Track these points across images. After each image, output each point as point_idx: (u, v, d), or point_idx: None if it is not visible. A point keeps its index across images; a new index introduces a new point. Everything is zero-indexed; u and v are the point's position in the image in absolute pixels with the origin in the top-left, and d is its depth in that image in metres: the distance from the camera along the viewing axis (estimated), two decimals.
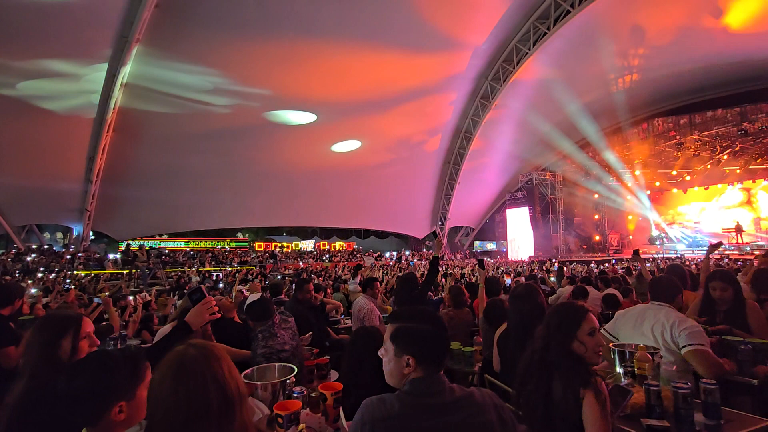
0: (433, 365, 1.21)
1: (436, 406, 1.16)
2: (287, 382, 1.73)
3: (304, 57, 14.05)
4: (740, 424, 1.80)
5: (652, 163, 19.67)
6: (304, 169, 20.17)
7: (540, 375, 1.67)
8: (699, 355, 2.08)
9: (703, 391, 1.84)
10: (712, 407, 1.81)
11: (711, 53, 15.23)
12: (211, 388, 0.95)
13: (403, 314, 1.30)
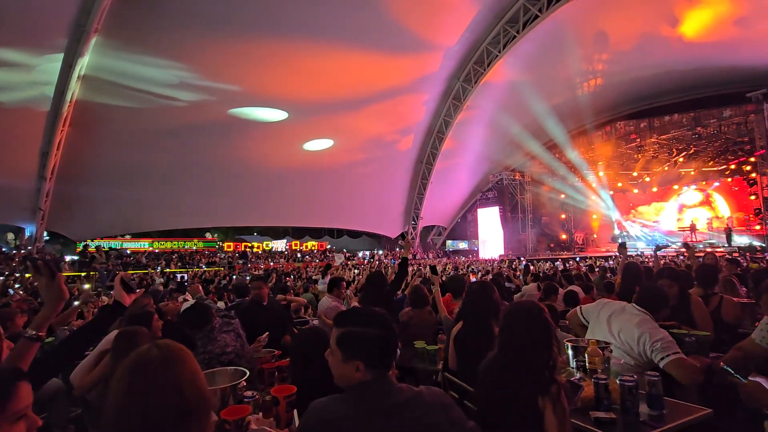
0: (381, 368, 1.20)
1: (384, 408, 1.15)
2: (238, 387, 1.66)
3: (276, 55, 13.80)
4: (681, 414, 1.88)
5: (614, 164, 20.49)
6: (275, 167, 19.81)
7: (504, 377, 1.67)
8: (678, 364, 2.07)
9: (648, 382, 1.91)
10: (655, 398, 1.88)
11: (668, 60, 16.01)
12: (169, 395, 0.86)
13: (348, 318, 1.28)
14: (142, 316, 2.52)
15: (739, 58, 14.81)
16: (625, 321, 2.32)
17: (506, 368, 1.66)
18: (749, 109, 15.35)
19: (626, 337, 2.26)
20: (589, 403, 1.89)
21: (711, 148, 18.06)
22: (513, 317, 1.76)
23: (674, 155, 19.15)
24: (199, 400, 0.89)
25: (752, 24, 13.01)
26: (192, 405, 0.88)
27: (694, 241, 18.46)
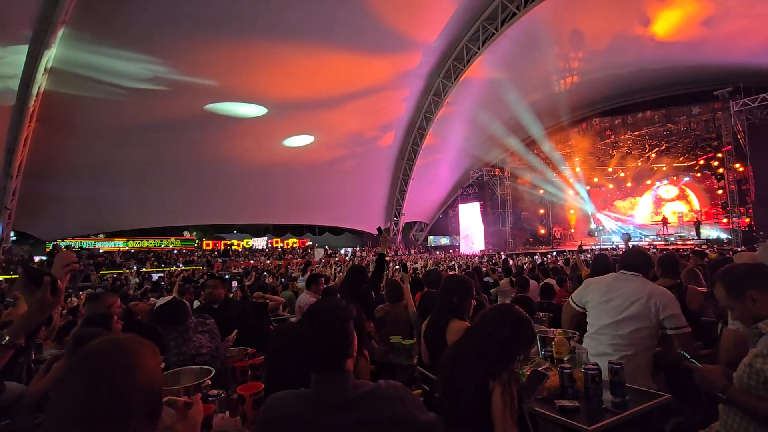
0: (324, 370, 1.19)
1: (336, 404, 1.14)
2: (202, 385, 1.64)
3: (254, 50, 13.58)
4: (642, 400, 1.95)
5: (590, 160, 20.98)
6: (255, 163, 19.54)
7: (461, 364, 1.70)
8: (687, 338, 2.23)
9: (610, 370, 1.97)
10: (618, 385, 1.94)
11: (641, 59, 16.47)
12: (115, 391, 0.81)
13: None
14: (100, 318, 2.37)
15: (706, 57, 15.35)
16: (628, 288, 2.36)
17: (465, 350, 1.70)
18: (716, 107, 15.94)
19: (643, 304, 2.29)
20: (555, 392, 1.95)
21: (681, 144, 18.69)
22: (488, 315, 1.79)
23: (647, 151, 19.75)
24: (149, 396, 0.86)
25: (718, 24, 13.50)
26: (141, 401, 0.84)
27: (666, 234, 19.11)
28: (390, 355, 3.23)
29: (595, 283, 2.53)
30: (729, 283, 1.73)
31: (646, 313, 2.26)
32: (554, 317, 3.81)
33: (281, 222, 27.56)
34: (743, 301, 1.67)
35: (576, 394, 1.92)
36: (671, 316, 2.25)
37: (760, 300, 1.64)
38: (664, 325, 2.25)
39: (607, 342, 2.28)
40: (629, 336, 2.25)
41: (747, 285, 1.67)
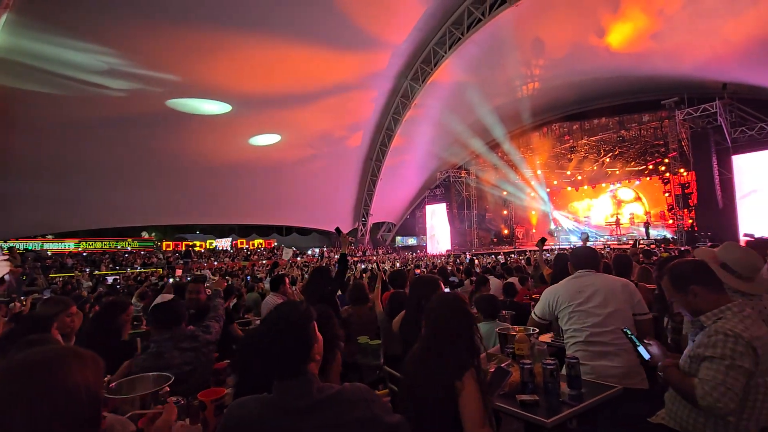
0: (284, 374, 1.18)
1: (297, 408, 1.13)
2: (160, 393, 1.58)
3: (218, 45, 13.13)
4: (596, 392, 2.07)
5: (550, 163, 21.87)
6: (219, 162, 18.95)
7: (425, 362, 1.74)
8: (649, 322, 2.38)
9: (567, 365, 2.08)
10: (574, 379, 2.05)
11: (597, 68, 17.34)
12: (44, 401, 0.78)
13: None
14: (39, 320, 2.22)
15: (654, 68, 16.37)
16: (598, 283, 2.43)
17: (427, 353, 1.73)
18: (663, 115, 17.04)
19: (617, 294, 2.39)
20: (516, 387, 2.03)
21: (633, 149, 19.84)
22: (435, 307, 1.84)
23: (602, 156, 20.82)
24: (85, 407, 0.83)
25: (665, 39, 14.44)
26: (75, 413, 0.82)
27: (619, 234, 20.23)
28: (357, 356, 3.25)
29: (561, 289, 2.53)
30: (674, 277, 1.87)
31: (627, 299, 2.37)
32: (516, 315, 3.96)
33: (247, 222, 26.90)
34: (686, 295, 1.82)
35: (536, 389, 2.01)
36: (639, 302, 2.39)
37: (701, 295, 1.79)
38: (634, 309, 2.37)
39: (606, 341, 2.30)
40: (623, 325, 2.29)
41: (690, 281, 1.81)
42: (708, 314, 1.75)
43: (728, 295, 1.82)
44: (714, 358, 1.62)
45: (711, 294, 1.77)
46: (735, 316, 1.69)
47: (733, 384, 1.57)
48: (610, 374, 2.24)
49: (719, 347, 1.62)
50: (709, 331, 1.70)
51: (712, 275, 1.82)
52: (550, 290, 2.60)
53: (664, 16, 13.27)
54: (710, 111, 15.46)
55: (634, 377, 2.26)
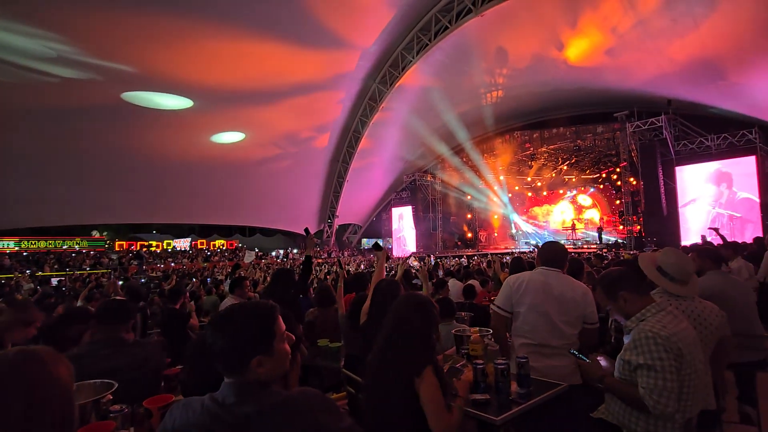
0: (225, 369, 1.12)
1: (235, 416, 1.05)
2: (101, 401, 1.49)
3: (180, 37, 12.62)
4: (544, 389, 2.18)
5: (512, 169, 22.66)
6: (178, 159, 18.23)
7: (386, 360, 1.77)
8: (595, 332, 2.41)
9: (517, 364, 2.17)
10: (524, 378, 2.14)
11: (556, 79, 18.16)
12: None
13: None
14: None
15: (608, 82, 17.38)
16: (563, 284, 2.43)
17: (389, 350, 1.76)
18: (616, 127, 18.11)
19: (576, 298, 2.38)
20: (469, 386, 2.09)
21: (588, 158, 20.92)
22: (400, 305, 1.89)
23: (560, 164, 21.81)
24: (70, 402, 0.85)
25: (617, 55, 15.37)
26: (64, 405, 0.83)
27: (575, 239, 21.24)
28: (317, 359, 3.24)
29: (524, 283, 2.46)
30: (605, 286, 2.01)
31: (583, 308, 2.38)
32: (475, 316, 4.08)
33: (207, 222, 25.95)
34: (617, 301, 1.96)
35: (488, 388, 2.09)
36: (592, 312, 2.42)
37: (630, 300, 1.93)
38: (586, 318, 2.39)
39: (556, 345, 2.35)
40: (575, 333, 2.39)
41: (619, 287, 1.95)
42: (632, 318, 1.89)
43: (652, 298, 1.97)
44: (646, 365, 1.74)
45: (638, 298, 1.91)
46: (654, 316, 1.83)
47: (671, 387, 1.69)
48: (558, 374, 2.35)
49: (646, 352, 1.74)
50: (634, 334, 1.83)
51: (637, 281, 1.97)
52: (515, 278, 2.50)
53: (616, 33, 14.11)
54: (657, 125, 16.58)
55: (577, 374, 2.39)
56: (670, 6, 12.02)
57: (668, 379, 1.69)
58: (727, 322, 2.27)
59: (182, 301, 4.44)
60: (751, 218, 15.34)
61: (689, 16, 12.01)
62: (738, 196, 15.94)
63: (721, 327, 2.22)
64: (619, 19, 13.34)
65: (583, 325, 2.40)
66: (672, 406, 1.69)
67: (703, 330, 2.13)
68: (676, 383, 1.70)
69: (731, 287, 3.05)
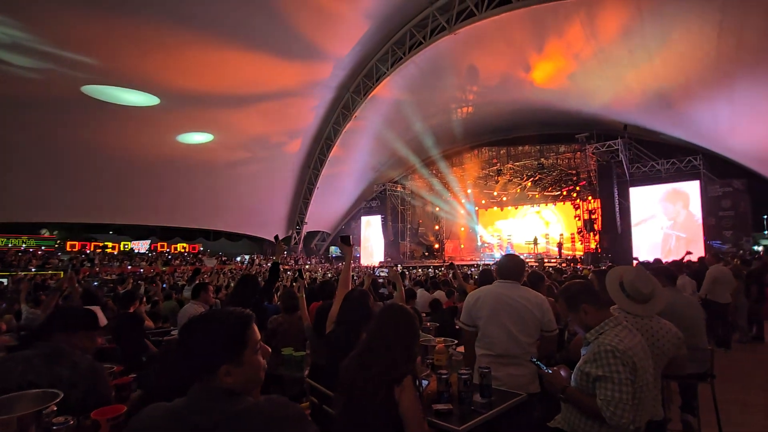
0: (192, 371, 1.09)
1: (199, 422, 1.02)
2: (43, 413, 1.33)
3: (148, 32, 12.19)
4: (504, 399, 2.25)
5: (479, 184, 23.25)
6: (142, 157, 17.51)
7: (365, 368, 1.77)
8: (553, 339, 2.51)
9: (480, 374, 2.23)
10: (485, 388, 2.20)
11: (523, 99, 18.93)
12: None
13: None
14: None
15: (570, 105, 18.31)
16: (520, 296, 2.54)
17: (369, 358, 1.77)
18: (576, 148, 19.01)
19: (529, 312, 2.49)
20: (433, 396, 2.14)
21: (550, 176, 21.80)
22: (383, 315, 1.91)
23: (524, 180, 22.60)
24: None
25: (579, 80, 16.25)
26: None
27: (537, 253, 21.98)
28: (280, 368, 3.19)
29: (480, 298, 2.60)
30: (567, 298, 2.11)
31: (540, 317, 2.49)
32: (440, 327, 4.16)
33: (170, 224, 24.90)
34: (578, 313, 2.06)
35: (451, 398, 2.14)
36: (550, 320, 2.53)
37: (590, 312, 2.04)
38: (544, 327, 2.51)
39: (515, 354, 2.44)
40: (533, 341, 2.49)
41: (581, 300, 2.06)
42: (591, 331, 2.00)
43: (610, 312, 2.09)
44: (604, 377, 1.83)
45: (598, 311, 2.02)
46: (611, 330, 1.94)
47: (627, 398, 1.79)
48: (517, 383, 2.44)
49: (605, 365, 1.84)
50: (593, 347, 1.94)
51: (598, 294, 2.09)
52: (472, 295, 2.68)
53: (579, 60, 14.94)
54: (614, 147, 17.59)
55: (536, 382, 2.49)
56: (627, 38, 12.88)
57: (624, 391, 1.79)
58: (683, 343, 2.38)
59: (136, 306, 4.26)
60: (694, 239, 16.49)
61: (644, 48, 12.91)
62: (681, 217, 17.12)
63: (674, 348, 2.32)
64: (582, 46, 14.13)
65: (542, 333, 2.51)
66: (627, 417, 1.78)
67: (656, 350, 2.24)
68: (630, 395, 1.79)
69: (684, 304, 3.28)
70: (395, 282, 3.84)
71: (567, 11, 12.39)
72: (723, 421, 3.16)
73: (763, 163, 15.73)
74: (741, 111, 13.60)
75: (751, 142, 14.99)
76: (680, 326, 2.53)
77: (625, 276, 2.42)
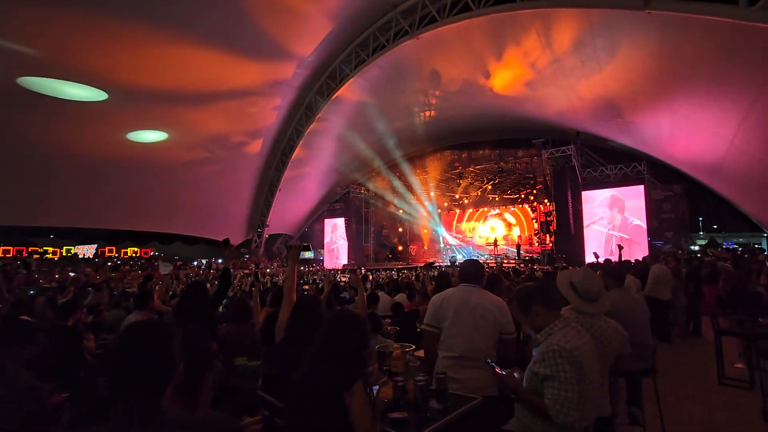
0: (124, 391, 1.07)
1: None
2: None
3: (97, 25, 11.43)
4: (460, 404, 2.25)
5: (441, 187, 23.69)
6: (87, 156, 16.41)
7: (315, 376, 1.70)
8: (512, 343, 2.56)
9: (436, 380, 2.22)
10: (441, 393, 2.19)
11: (483, 105, 19.44)
12: None
13: None
14: None
15: (527, 111, 19.01)
16: (481, 299, 2.60)
17: (319, 365, 1.71)
18: (533, 153, 19.83)
19: (490, 313, 2.54)
20: (390, 404, 2.09)
21: (509, 180, 22.56)
22: (333, 322, 1.85)
23: (484, 183, 23.25)
24: None
25: (536, 87, 16.91)
26: None
27: (496, 254, 22.63)
28: (233, 379, 3.04)
29: (446, 300, 2.65)
30: (519, 300, 2.15)
31: (499, 320, 2.55)
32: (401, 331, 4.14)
33: (119, 227, 23.46)
34: (529, 315, 2.10)
35: (408, 405, 2.11)
36: (508, 323, 2.59)
37: (541, 314, 2.08)
38: (503, 329, 2.56)
39: (475, 356, 2.46)
40: (493, 344, 2.53)
41: (532, 301, 2.10)
42: (542, 332, 2.04)
43: (560, 313, 2.14)
44: (551, 376, 1.88)
45: (548, 313, 2.07)
46: (560, 331, 1.99)
47: (572, 397, 1.83)
48: (478, 385, 2.45)
49: (552, 364, 1.89)
50: (542, 347, 1.98)
51: (549, 296, 2.14)
52: (438, 297, 2.71)
53: (535, 68, 15.55)
54: (567, 153, 18.47)
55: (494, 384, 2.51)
56: (579, 49, 13.54)
57: (569, 390, 1.83)
58: (627, 342, 2.52)
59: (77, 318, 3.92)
60: (639, 240, 17.58)
61: (594, 59, 13.63)
62: (629, 220, 18.24)
63: (620, 346, 2.46)
64: (538, 56, 14.71)
65: (500, 335, 2.56)
66: (572, 415, 1.82)
67: (603, 347, 2.34)
68: (575, 394, 1.84)
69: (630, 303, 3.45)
70: (357, 287, 3.79)
71: (524, 21, 12.85)
72: (665, 413, 3.35)
73: (699, 169, 17.06)
74: (680, 121, 14.66)
75: (689, 150, 16.20)
76: (627, 325, 2.66)
77: (574, 278, 2.52)
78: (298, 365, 1.85)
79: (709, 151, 14.92)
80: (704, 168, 16.46)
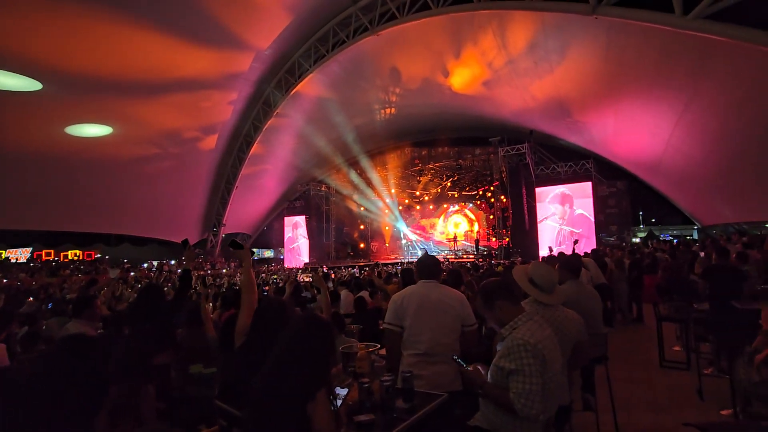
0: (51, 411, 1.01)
1: None
2: None
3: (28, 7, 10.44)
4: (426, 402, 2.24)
5: (402, 184, 23.90)
6: (19, 151, 15.04)
7: (277, 380, 1.63)
8: (474, 333, 2.58)
9: (402, 379, 2.20)
10: (407, 392, 2.17)
11: (442, 103, 19.75)
12: None
13: None
14: None
15: (484, 110, 19.54)
16: (442, 295, 2.61)
17: (281, 371, 1.64)
18: (490, 150, 20.43)
19: (454, 308, 2.57)
20: (355, 406, 2.05)
21: (467, 177, 23.15)
22: (297, 326, 1.77)
23: (444, 180, 23.70)
24: None
25: (492, 87, 17.40)
26: None
27: (456, 249, 23.17)
28: (188, 387, 2.88)
29: (406, 298, 2.64)
30: (483, 295, 2.18)
31: (461, 313, 2.58)
32: (364, 329, 4.11)
33: (58, 229, 21.68)
34: (493, 310, 2.13)
35: (374, 406, 2.07)
36: (469, 315, 2.62)
37: (504, 308, 2.11)
38: (464, 321, 2.58)
39: (440, 351, 2.47)
40: (456, 338, 2.54)
41: (495, 296, 2.13)
42: (506, 326, 2.07)
43: (523, 307, 2.19)
44: (516, 370, 1.91)
45: (511, 307, 2.11)
46: (524, 325, 2.04)
47: (536, 390, 1.86)
48: (442, 381, 2.47)
49: (516, 358, 1.92)
50: (507, 341, 2.01)
51: (511, 291, 2.18)
52: (398, 295, 2.71)
53: (492, 68, 15.98)
54: (522, 151, 19.19)
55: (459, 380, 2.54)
56: (532, 51, 14.07)
57: (534, 383, 1.87)
58: (584, 329, 2.63)
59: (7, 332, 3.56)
60: (588, 234, 18.63)
61: (546, 61, 14.21)
62: (577, 214, 19.28)
63: (578, 333, 2.57)
64: (495, 55, 15.13)
65: (462, 327, 2.59)
66: (537, 408, 1.86)
67: (563, 336, 2.42)
68: (539, 386, 1.88)
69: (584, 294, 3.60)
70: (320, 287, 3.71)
71: (481, 21, 13.15)
72: (615, 396, 3.55)
73: (639, 167, 18.31)
74: (623, 121, 15.63)
75: (631, 149, 17.34)
76: (583, 315, 2.78)
77: (531, 271, 2.60)
78: (257, 372, 1.77)
79: (648, 149, 16.04)
80: (644, 165, 17.69)
